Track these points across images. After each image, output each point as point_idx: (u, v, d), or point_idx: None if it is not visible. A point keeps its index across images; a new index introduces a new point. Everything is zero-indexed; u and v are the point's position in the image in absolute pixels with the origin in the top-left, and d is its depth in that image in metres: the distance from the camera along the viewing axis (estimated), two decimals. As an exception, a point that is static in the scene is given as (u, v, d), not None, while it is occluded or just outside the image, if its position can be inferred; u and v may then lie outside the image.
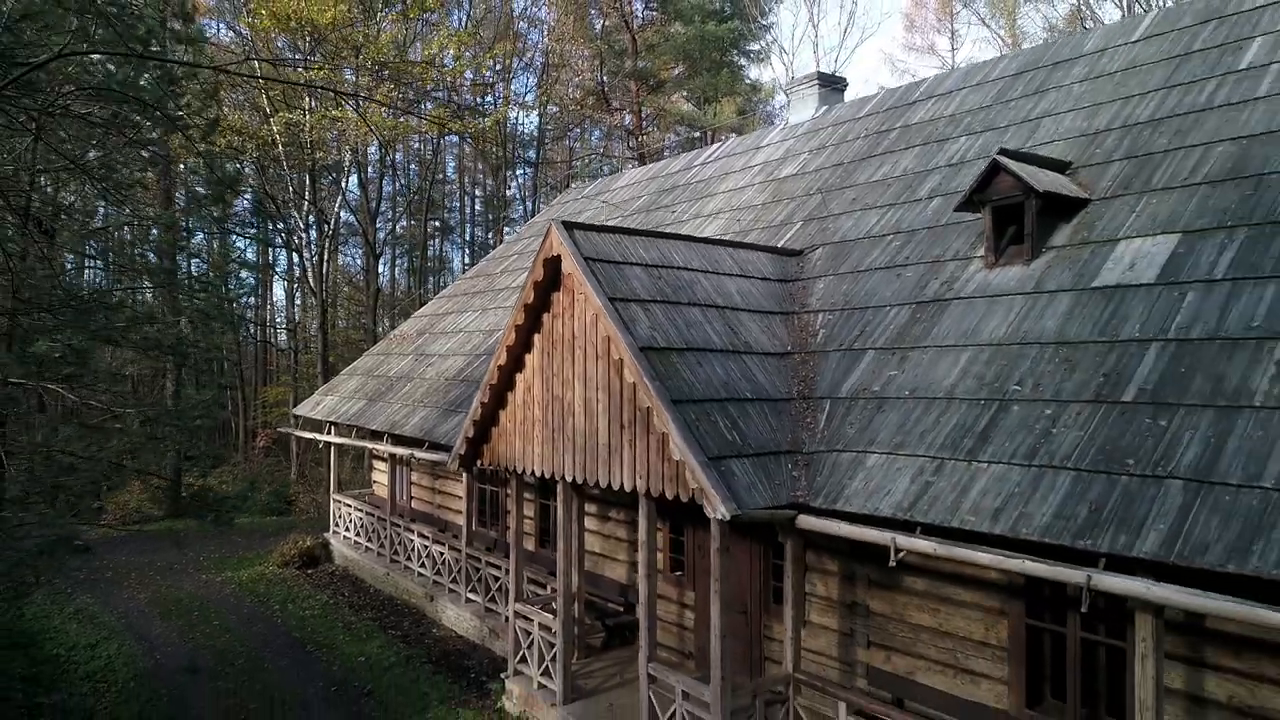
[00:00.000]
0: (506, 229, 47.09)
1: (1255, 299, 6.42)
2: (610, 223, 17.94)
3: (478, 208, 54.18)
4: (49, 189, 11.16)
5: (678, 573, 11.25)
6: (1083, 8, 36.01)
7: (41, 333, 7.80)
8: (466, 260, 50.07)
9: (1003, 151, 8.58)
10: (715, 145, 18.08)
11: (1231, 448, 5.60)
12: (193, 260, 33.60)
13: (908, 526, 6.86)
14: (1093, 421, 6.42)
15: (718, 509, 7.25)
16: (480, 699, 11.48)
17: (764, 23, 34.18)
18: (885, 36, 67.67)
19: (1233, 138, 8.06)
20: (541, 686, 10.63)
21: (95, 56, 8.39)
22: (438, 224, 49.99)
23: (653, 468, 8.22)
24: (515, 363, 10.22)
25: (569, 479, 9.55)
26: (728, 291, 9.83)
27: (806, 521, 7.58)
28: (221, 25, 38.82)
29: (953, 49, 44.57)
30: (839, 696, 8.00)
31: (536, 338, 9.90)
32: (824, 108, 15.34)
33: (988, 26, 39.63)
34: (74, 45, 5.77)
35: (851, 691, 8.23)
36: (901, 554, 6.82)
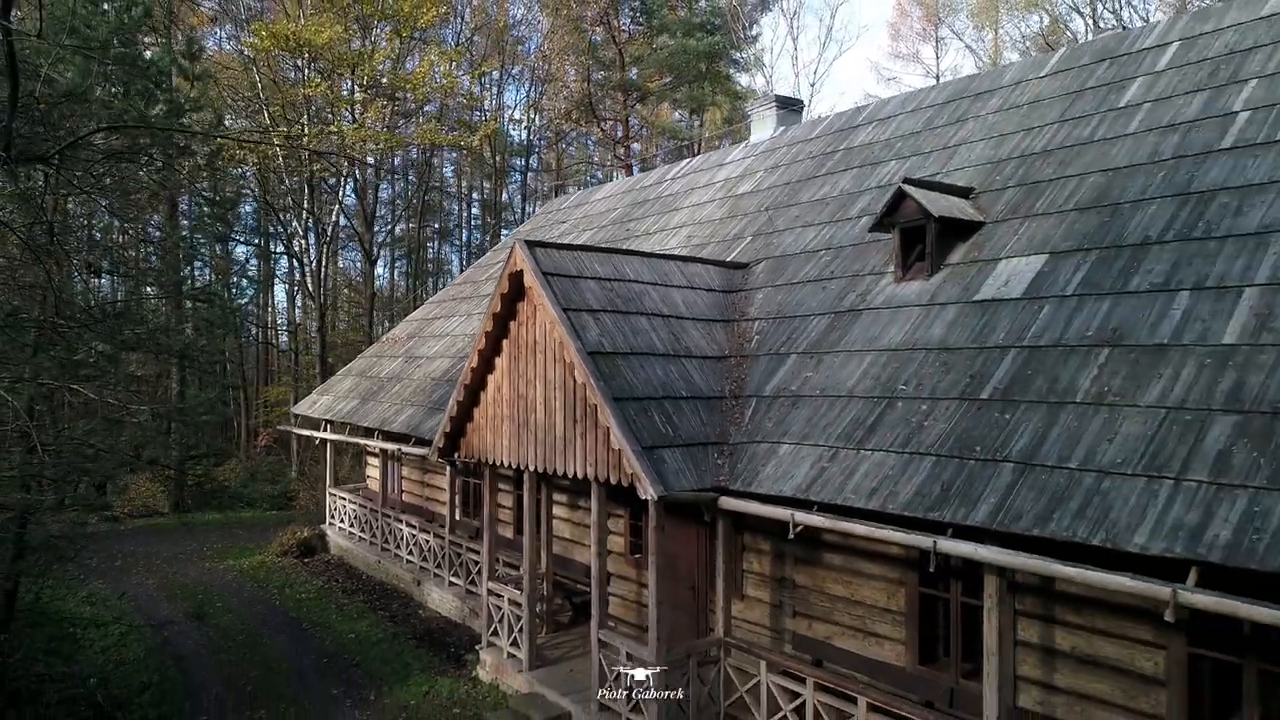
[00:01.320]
0: (505, 230, 48.38)
1: (1093, 312, 7.62)
2: (587, 233, 19.18)
3: (475, 211, 55.52)
4: (69, 207, 12.34)
5: (636, 555, 12.44)
6: (1059, 22, 37.13)
7: (77, 341, 8.97)
8: (464, 262, 51.22)
9: (908, 180, 9.80)
10: (685, 161, 19.27)
11: (1053, 436, 6.80)
12: (195, 264, 34.89)
13: (805, 505, 8.07)
14: (955, 415, 7.63)
15: (648, 490, 8.47)
16: (457, 669, 12.70)
17: (749, 35, 35.39)
18: (871, 45, 68.88)
19: (1102, 170, 9.26)
20: (510, 655, 11.85)
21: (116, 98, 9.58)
22: (436, 227, 51.29)
23: (599, 457, 9.43)
24: (486, 365, 11.43)
25: (532, 468, 10.76)
26: (674, 302, 11.03)
27: (726, 502, 8.80)
28: (224, 38, 40.06)
29: (937, 57, 45.82)
30: (760, 657, 9.22)
31: (504, 343, 11.11)
32: (781, 128, 16.55)
33: (968, 47, 40.69)
34: (114, 120, 6.89)
35: (771, 653, 9.44)
36: (799, 527, 8.03)
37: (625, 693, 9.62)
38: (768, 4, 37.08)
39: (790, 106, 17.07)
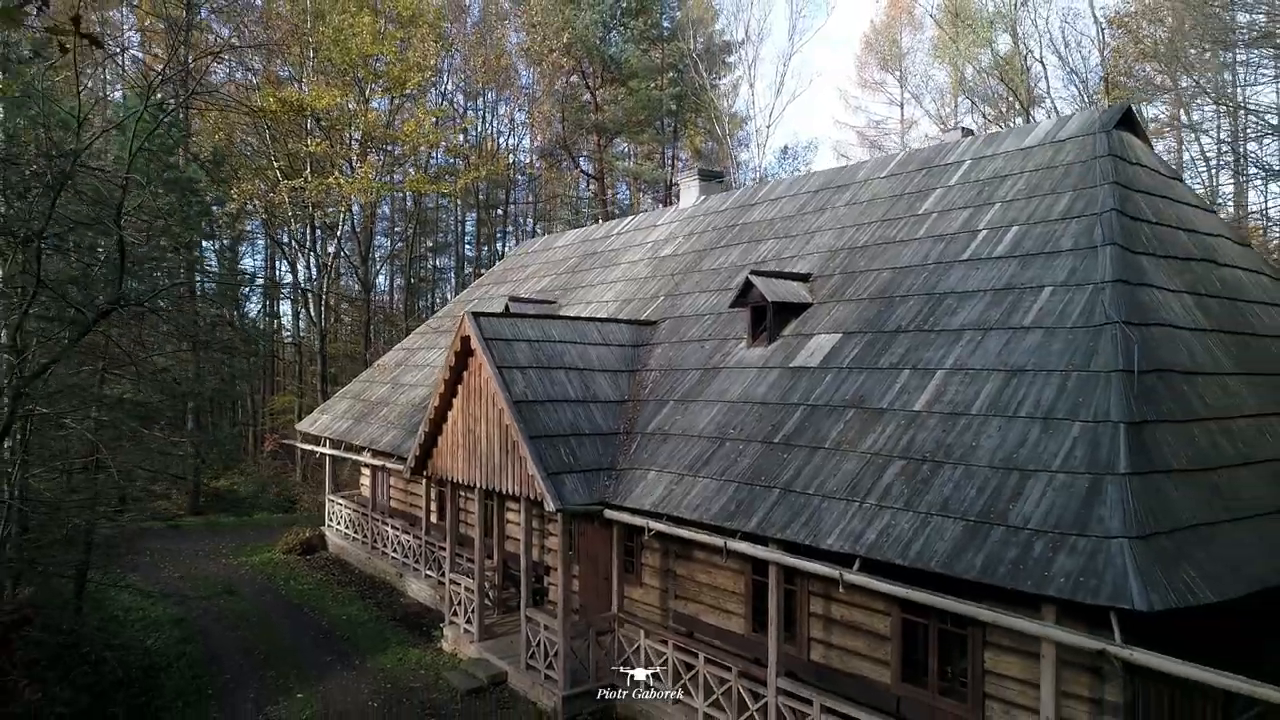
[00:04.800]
0: (499, 242, 51.77)
1: (853, 381, 10.87)
2: (547, 279, 22.46)
3: (469, 228, 58.86)
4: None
5: (570, 552, 15.69)
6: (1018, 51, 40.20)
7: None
8: (466, 271, 54.14)
9: (754, 272, 13.07)
10: (628, 218, 22.52)
11: (806, 471, 10.07)
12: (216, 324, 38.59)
13: (658, 516, 11.34)
14: (757, 454, 10.90)
15: (550, 504, 11.76)
16: (427, 643, 16.00)
17: (711, 80, 38.58)
18: (839, 74, 72.45)
19: (892, 267, 12.50)
20: (466, 631, 15.15)
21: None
22: (431, 245, 54.64)
23: (521, 479, 12.71)
24: (445, 404, 14.71)
25: (480, 486, 14.04)
26: (589, 357, 14.31)
27: (609, 513, 12.08)
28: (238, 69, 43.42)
29: (901, 87, 48.97)
30: (640, 627, 12.52)
31: (459, 387, 14.38)
32: (702, 197, 19.82)
33: (914, 97, 43.80)
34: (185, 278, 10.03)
35: (651, 625, 12.71)
36: (652, 531, 11.32)
37: (543, 656, 12.93)
38: (730, 48, 40.36)
39: (714, 178, 20.34)
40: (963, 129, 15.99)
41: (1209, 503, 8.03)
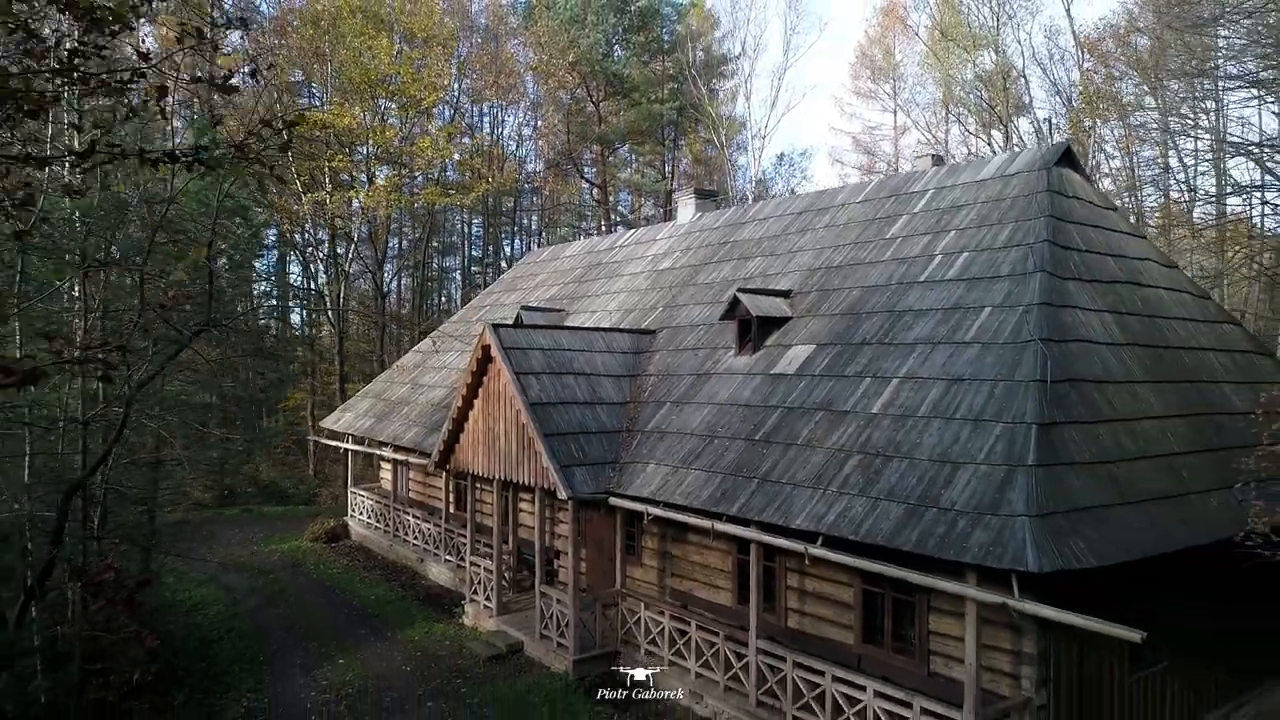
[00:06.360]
0: (505, 244, 53.57)
1: (824, 388, 12.65)
2: (555, 287, 24.24)
3: (476, 231, 60.63)
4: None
5: (579, 536, 17.49)
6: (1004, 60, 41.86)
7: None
8: (472, 271, 55.81)
9: (741, 289, 14.84)
10: (631, 231, 24.30)
11: (781, 464, 11.85)
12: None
13: (655, 502, 13.13)
14: (740, 449, 12.68)
15: (562, 493, 13.55)
16: (449, 618, 17.81)
17: (710, 89, 40.33)
18: (835, 83, 74.36)
19: (861, 286, 14.26)
20: (485, 607, 16.96)
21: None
22: (438, 245, 56.45)
23: (536, 471, 14.50)
24: (467, 405, 16.49)
25: (498, 477, 15.84)
26: (595, 364, 16.10)
27: (614, 500, 13.87)
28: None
29: (894, 95, 50.65)
30: (640, 600, 14.32)
31: (480, 390, 16.16)
32: (698, 214, 21.58)
33: (910, 117, 45.51)
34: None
35: (651, 599, 14.51)
36: (650, 516, 13.11)
37: (555, 626, 14.74)
38: (727, 60, 42.10)
39: (708, 196, 22.11)
40: (933, 156, 17.70)
41: (1106, 489, 9.80)
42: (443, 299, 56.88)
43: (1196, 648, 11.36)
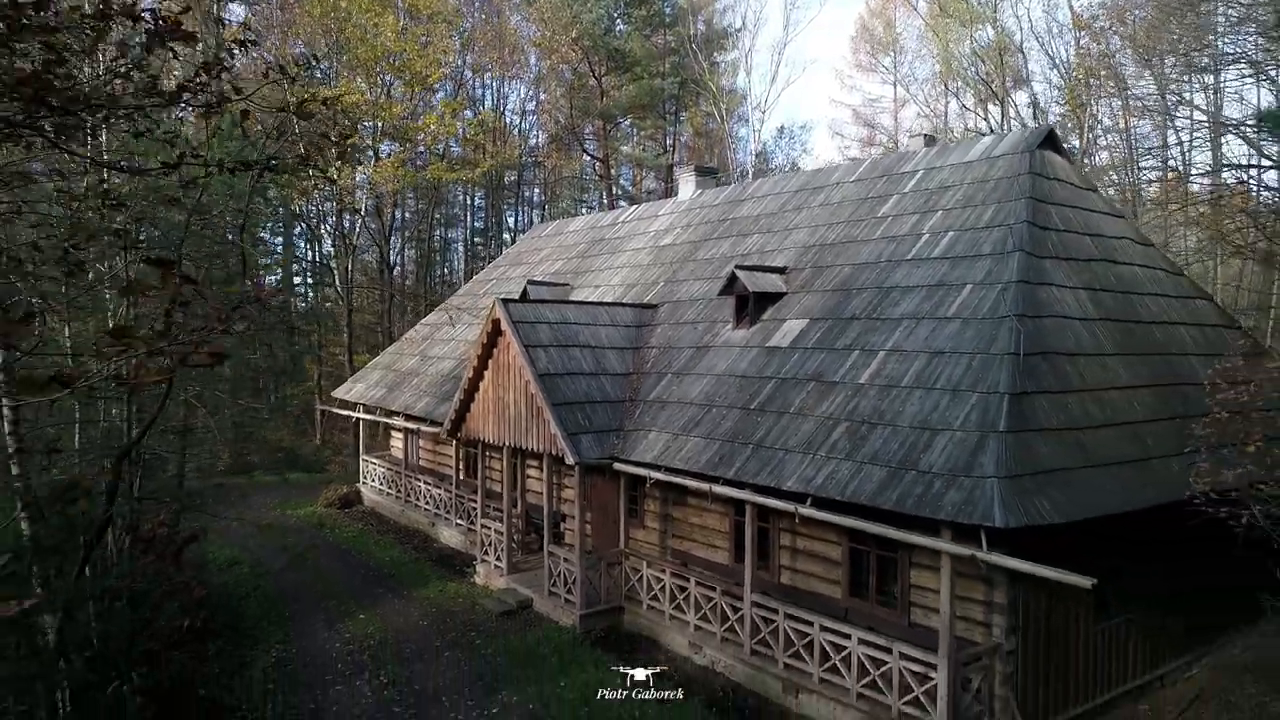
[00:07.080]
0: (508, 216, 54.13)
1: (815, 360, 13.46)
2: (559, 262, 24.96)
3: (479, 202, 61.14)
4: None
5: (585, 500, 18.41)
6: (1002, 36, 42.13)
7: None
8: (475, 243, 56.40)
9: (739, 266, 15.59)
10: (633, 208, 24.96)
11: (775, 431, 12.69)
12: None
13: (657, 467, 14.00)
14: (736, 418, 13.52)
15: (569, 459, 14.43)
16: (461, 578, 18.80)
17: (710, 62, 40.62)
18: (836, 55, 74.17)
19: (852, 263, 15.02)
20: (495, 567, 17.93)
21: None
22: (440, 217, 57.00)
23: (544, 438, 15.36)
24: (478, 375, 17.32)
25: (508, 444, 16.71)
26: (599, 336, 16.89)
27: (618, 465, 14.75)
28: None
29: (894, 69, 50.87)
30: (642, 558, 15.26)
31: (490, 362, 16.98)
32: (698, 191, 22.24)
33: (901, 85, 45.66)
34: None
35: (652, 558, 15.45)
36: (652, 480, 14.00)
37: (563, 584, 15.70)
38: (727, 34, 42.38)
39: (708, 173, 22.75)
40: (925, 136, 18.32)
41: (1072, 454, 10.64)
42: (446, 271, 57.55)
43: (1156, 603, 12.29)
